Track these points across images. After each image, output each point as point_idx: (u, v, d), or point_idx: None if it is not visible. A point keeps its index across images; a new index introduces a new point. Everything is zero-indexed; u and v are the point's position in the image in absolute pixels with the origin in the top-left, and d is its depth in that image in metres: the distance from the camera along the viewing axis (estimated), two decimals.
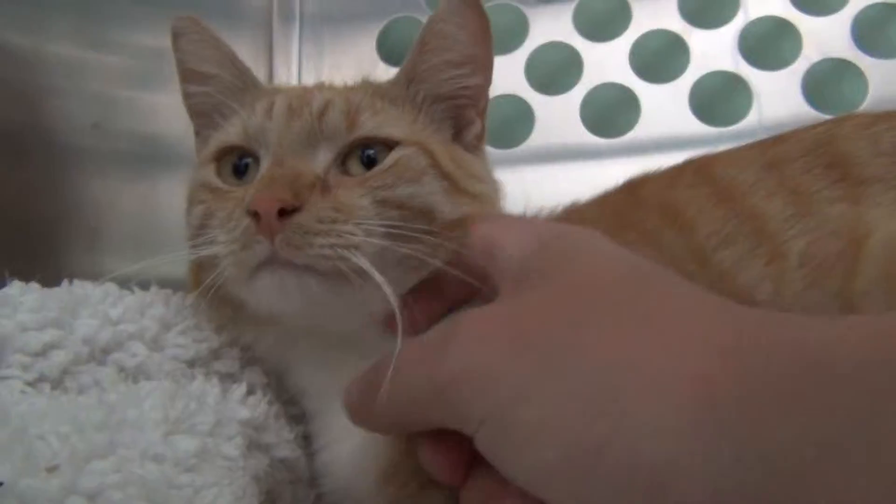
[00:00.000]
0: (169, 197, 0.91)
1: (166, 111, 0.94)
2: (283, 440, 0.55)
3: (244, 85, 0.61)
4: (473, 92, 0.61)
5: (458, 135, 0.61)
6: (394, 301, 0.48)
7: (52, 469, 0.34)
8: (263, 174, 0.53)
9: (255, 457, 0.51)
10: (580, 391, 0.34)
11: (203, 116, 0.63)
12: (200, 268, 0.55)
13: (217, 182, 0.56)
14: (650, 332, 0.35)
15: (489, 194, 0.60)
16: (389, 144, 0.55)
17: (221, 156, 0.58)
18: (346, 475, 0.55)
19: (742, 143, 0.69)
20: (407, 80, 0.60)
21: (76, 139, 0.89)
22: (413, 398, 0.41)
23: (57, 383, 0.48)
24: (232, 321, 0.58)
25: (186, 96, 0.63)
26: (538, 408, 0.35)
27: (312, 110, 0.54)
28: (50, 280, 0.57)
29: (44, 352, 0.48)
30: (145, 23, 0.96)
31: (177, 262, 0.60)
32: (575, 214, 0.66)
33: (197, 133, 0.65)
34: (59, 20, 0.90)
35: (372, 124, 0.55)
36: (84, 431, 0.37)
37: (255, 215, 0.48)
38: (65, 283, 0.57)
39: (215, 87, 0.61)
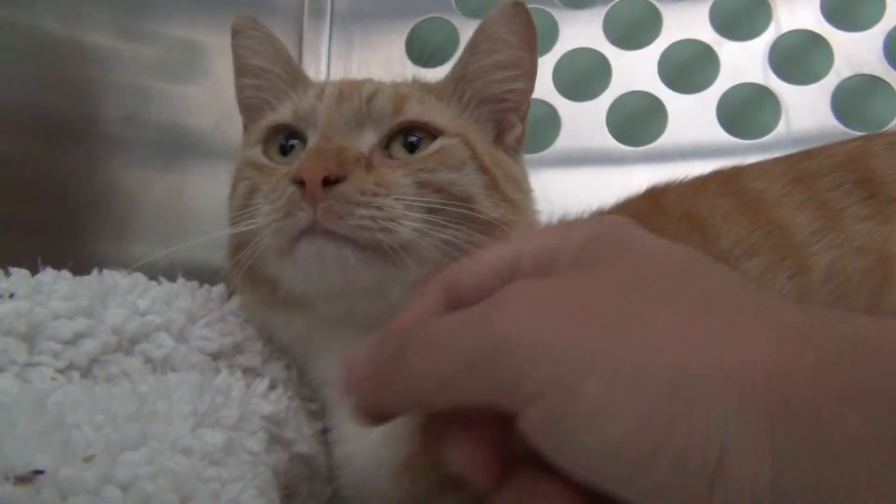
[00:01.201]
0: (197, 188, 0.92)
1: (197, 104, 0.95)
2: (302, 436, 0.56)
3: (295, 80, 0.64)
4: (517, 96, 0.63)
5: (499, 138, 0.63)
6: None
7: (88, 458, 0.34)
8: (310, 147, 0.55)
9: (276, 451, 0.52)
10: (647, 369, 0.32)
11: (253, 111, 0.65)
12: (239, 247, 0.57)
13: (263, 160, 0.59)
14: (714, 317, 0.34)
15: (525, 204, 0.61)
16: (433, 133, 0.57)
17: (269, 136, 0.60)
18: (363, 469, 0.56)
19: (768, 156, 0.69)
20: (455, 80, 0.63)
21: (110, 128, 0.90)
22: (449, 366, 0.35)
23: (86, 372, 0.49)
24: (264, 303, 0.60)
25: (240, 90, 0.66)
26: (607, 382, 0.32)
27: (362, 95, 0.57)
28: (80, 266, 0.58)
29: (74, 340, 0.49)
30: (180, 15, 0.97)
31: (206, 250, 0.63)
32: None
33: (245, 127, 0.67)
34: (97, 10, 0.90)
35: (418, 111, 0.57)
36: (117, 422, 0.38)
37: (300, 183, 0.50)
38: (95, 271, 0.57)
39: (268, 80, 0.64)
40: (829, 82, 0.92)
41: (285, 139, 0.59)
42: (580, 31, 1.00)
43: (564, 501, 0.34)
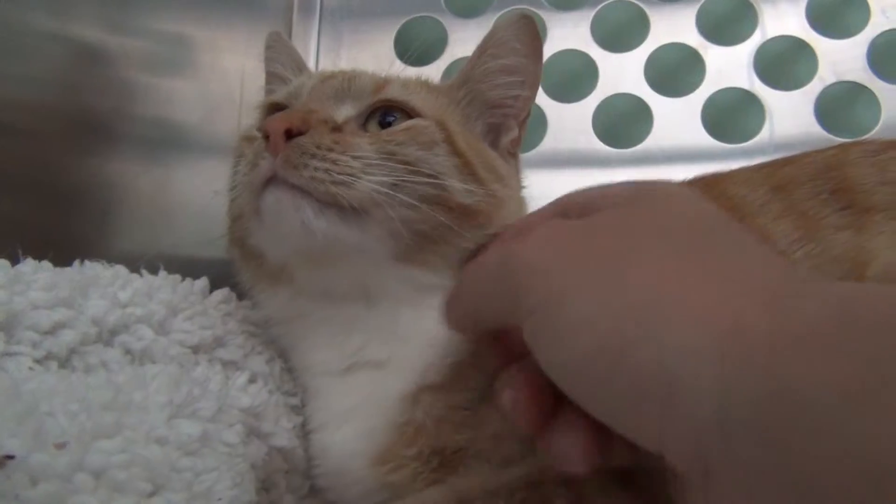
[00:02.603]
0: (183, 182, 0.92)
1: (184, 98, 0.95)
2: (281, 429, 0.56)
3: None
4: (520, 103, 0.64)
5: (495, 140, 0.65)
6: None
7: (60, 445, 0.34)
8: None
9: (254, 444, 0.52)
10: (624, 300, 0.36)
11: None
12: (233, 223, 0.61)
13: (255, 133, 0.60)
14: (702, 269, 0.37)
15: (506, 196, 0.60)
16: (410, 114, 0.59)
17: (265, 114, 0.63)
18: (340, 458, 0.56)
19: (752, 160, 0.70)
20: (462, 82, 0.64)
21: (95, 122, 0.89)
22: (484, 279, 0.44)
23: (64, 362, 0.49)
24: (255, 279, 0.62)
25: (267, 93, 0.72)
26: (583, 304, 0.37)
27: (346, 75, 0.61)
28: (62, 258, 0.58)
29: (53, 330, 0.49)
30: (167, 10, 0.97)
31: (191, 245, 0.68)
32: None
33: None
34: (84, 4, 0.90)
35: (398, 92, 0.59)
36: (92, 410, 0.38)
37: (266, 137, 0.52)
38: (76, 263, 0.57)
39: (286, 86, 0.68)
40: (813, 88, 0.93)
41: None
42: (568, 33, 1.01)
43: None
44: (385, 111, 0.58)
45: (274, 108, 0.63)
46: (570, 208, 0.46)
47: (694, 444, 0.33)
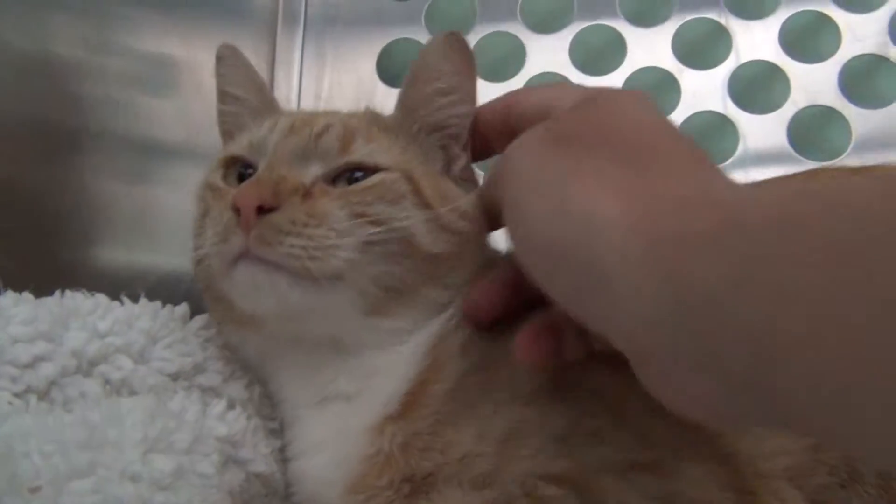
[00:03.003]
0: (166, 201, 0.92)
1: (167, 117, 0.96)
2: (259, 455, 0.57)
3: (267, 109, 0.67)
4: (460, 121, 0.63)
5: (447, 168, 0.64)
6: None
7: (34, 490, 0.35)
8: (252, 178, 0.56)
9: (232, 471, 0.53)
10: (568, 208, 0.42)
11: (228, 136, 0.68)
12: (198, 265, 0.59)
13: (220, 183, 0.60)
14: (635, 179, 0.42)
15: (472, 233, 0.61)
16: (375, 171, 0.58)
17: (229, 164, 0.62)
18: (315, 486, 0.57)
19: None
20: (403, 112, 0.64)
21: (78, 141, 0.90)
22: (492, 168, 0.56)
23: (43, 395, 0.50)
24: (224, 319, 0.62)
25: (219, 114, 0.69)
26: (537, 209, 0.44)
27: (312, 130, 0.58)
28: (46, 278, 0.59)
29: (32, 364, 0.50)
30: (150, 29, 0.97)
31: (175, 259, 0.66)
32: None
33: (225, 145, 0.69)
34: (66, 23, 0.91)
35: (363, 151, 0.58)
36: (67, 451, 0.39)
37: (236, 210, 0.52)
38: (57, 293, 0.58)
39: (242, 108, 0.67)
40: (786, 112, 0.95)
41: (243, 167, 0.61)
42: (547, 57, 1.02)
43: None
44: (352, 170, 0.58)
45: (234, 160, 0.62)
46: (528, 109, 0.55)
47: (629, 334, 0.40)
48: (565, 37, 1.02)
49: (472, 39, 1.03)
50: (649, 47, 0.99)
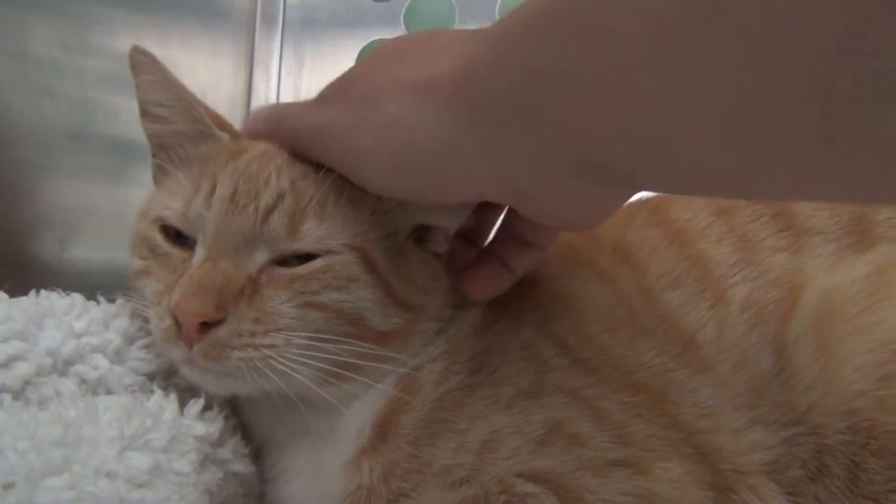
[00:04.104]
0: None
1: None
2: (238, 455, 0.57)
3: (199, 134, 0.60)
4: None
5: (422, 236, 0.60)
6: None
7: (8, 486, 0.35)
8: (194, 273, 0.52)
9: (209, 471, 0.52)
10: (375, 119, 0.49)
11: (159, 148, 0.62)
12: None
13: (159, 240, 0.56)
14: (419, 62, 0.48)
15: (429, 306, 0.58)
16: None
17: (158, 230, 0.57)
18: None
19: None
20: None
21: (54, 142, 0.89)
22: (294, 137, 0.56)
23: (18, 393, 0.49)
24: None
25: (144, 129, 0.62)
26: (360, 139, 0.50)
27: (259, 208, 0.53)
28: (20, 282, 0.58)
29: (7, 363, 0.50)
30: (127, 29, 0.97)
31: None
32: None
33: (153, 155, 0.63)
34: (43, 23, 0.90)
35: (314, 236, 0.53)
36: (41, 448, 0.39)
37: (176, 320, 0.50)
38: (32, 293, 0.58)
39: (170, 130, 0.60)
40: None
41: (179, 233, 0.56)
42: None
43: None
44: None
45: (169, 229, 0.56)
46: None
47: (488, 185, 0.48)
48: None
49: None
50: None
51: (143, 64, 0.59)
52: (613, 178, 0.44)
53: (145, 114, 0.61)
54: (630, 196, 0.56)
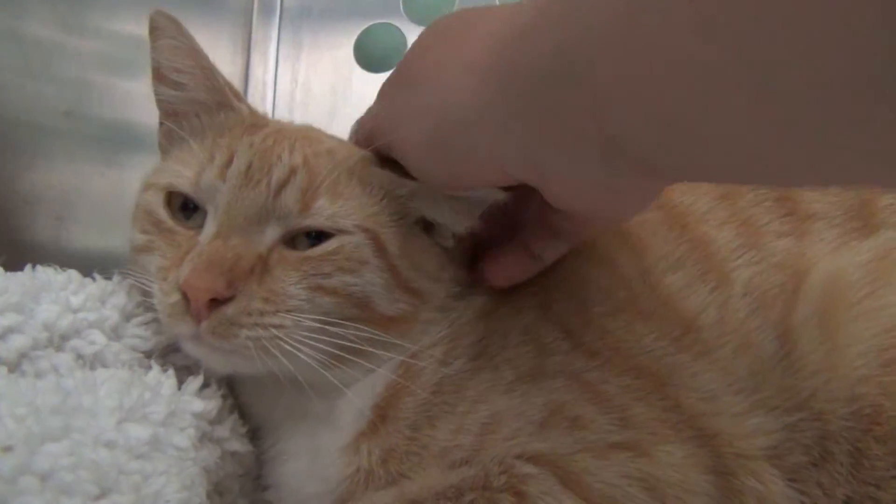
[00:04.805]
0: (138, 185, 0.91)
1: (140, 99, 0.94)
2: (235, 434, 0.56)
3: (217, 104, 0.59)
4: None
5: (430, 227, 0.59)
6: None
7: (6, 449, 0.35)
8: (204, 250, 0.51)
9: (207, 448, 0.52)
10: (415, 102, 0.51)
11: (171, 115, 0.61)
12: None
13: (163, 215, 0.55)
14: (459, 47, 0.48)
15: (434, 293, 0.58)
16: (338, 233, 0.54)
17: (166, 199, 0.56)
18: (299, 495, 0.57)
19: None
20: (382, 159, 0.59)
21: (49, 122, 0.89)
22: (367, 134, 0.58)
23: (14, 366, 0.49)
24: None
25: (156, 94, 0.61)
26: (410, 130, 0.51)
27: (271, 182, 0.53)
28: (14, 263, 0.58)
29: (3, 335, 0.49)
30: (124, 9, 0.96)
31: None
32: None
33: (161, 123, 0.63)
34: (39, 2, 0.89)
35: (326, 213, 0.53)
36: (40, 415, 0.38)
37: (185, 294, 0.49)
38: (28, 268, 0.57)
39: (187, 97, 0.60)
40: None
41: (188, 203, 0.56)
42: None
43: None
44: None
45: (178, 196, 0.56)
46: None
47: (511, 164, 0.47)
48: None
49: None
50: None
51: (164, 28, 0.58)
52: (635, 166, 0.42)
53: (161, 78, 0.60)
54: (653, 194, 0.54)
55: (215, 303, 0.49)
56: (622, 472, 0.52)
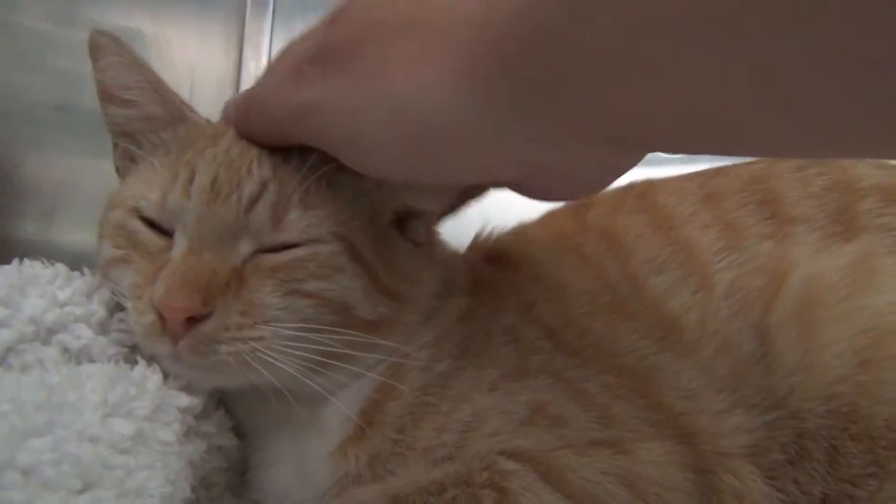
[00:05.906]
0: None
1: None
2: (222, 428, 0.57)
3: (171, 116, 0.57)
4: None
5: (403, 225, 0.59)
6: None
7: None
8: (177, 266, 0.50)
9: (193, 443, 0.52)
10: (385, 100, 0.43)
11: (125, 136, 0.59)
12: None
13: (136, 226, 0.54)
14: (419, 33, 0.42)
15: (414, 296, 0.58)
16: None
17: (132, 218, 0.55)
18: (278, 497, 0.58)
19: (688, 165, 0.71)
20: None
21: (41, 115, 0.89)
22: (271, 124, 0.51)
23: (0, 360, 0.49)
24: None
25: (106, 116, 0.59)
26: (368, 116, 0.44)
27: (242, 198, 0.51)
28: (2, 257, 0.58)
29: None
30: (117, 3, 0.96)
31: None
32: (520, 233, 0.70)
33: (115, 145, 0.61)
34: None
35: (299, 227, 0.52)
36: (24, 410, 0.38)
37: (160, 314, 0.48)
38: (15, 262, 0.57)
39: (139, 114, 0.57)
40: None
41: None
42: None
43: None
44: None
45: (145, 220, 0.54)
46: None
47: (496, 164, 0.45)
48: None
49: None
50: None
51: (107, 46, 0.56)
52: (637, 145, 0.43)
53: (109, 98, 0.58)
54: (643, 156, 0.50)
55: (192, 321, 0.48)
56: (603, 469, 0.52)
